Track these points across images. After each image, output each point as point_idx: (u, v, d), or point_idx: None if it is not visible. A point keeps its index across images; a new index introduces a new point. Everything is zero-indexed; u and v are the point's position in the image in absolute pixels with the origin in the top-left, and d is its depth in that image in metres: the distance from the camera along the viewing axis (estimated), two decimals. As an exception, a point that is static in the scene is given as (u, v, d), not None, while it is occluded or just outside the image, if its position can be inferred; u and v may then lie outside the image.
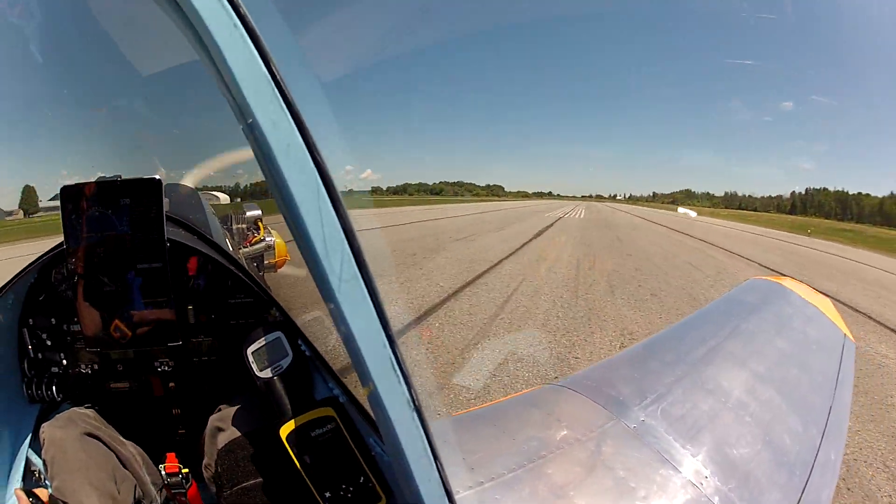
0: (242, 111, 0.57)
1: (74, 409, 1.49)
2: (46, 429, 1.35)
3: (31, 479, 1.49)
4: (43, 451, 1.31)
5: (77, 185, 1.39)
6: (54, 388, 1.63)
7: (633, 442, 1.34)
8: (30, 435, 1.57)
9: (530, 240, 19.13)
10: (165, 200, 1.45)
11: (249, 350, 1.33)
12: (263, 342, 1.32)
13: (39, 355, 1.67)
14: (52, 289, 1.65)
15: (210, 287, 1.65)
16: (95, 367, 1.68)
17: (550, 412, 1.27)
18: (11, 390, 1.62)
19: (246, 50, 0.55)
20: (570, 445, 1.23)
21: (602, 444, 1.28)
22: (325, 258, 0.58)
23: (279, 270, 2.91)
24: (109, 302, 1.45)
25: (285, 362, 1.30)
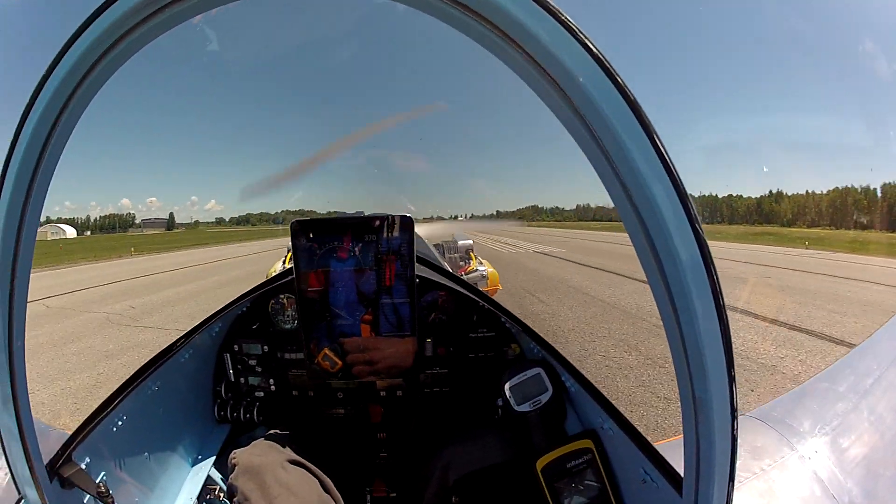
0: (599, 132, 0.56)
1: (272, 434, 1.44)
2: (241, 455, 1.31)
3: (205, 498, 1.49)
4: (233, 476, 1.28)
5: (312, 219, 1.36)
6: (255, 411, 1.66)
7: (805, 472, 1.30)
8: (215, 455, 1.58)
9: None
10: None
11: (507, 385, 1.34)
12: (522, 377, 1.34)
13: (242, 380, 1.71)
14: (266, 318, 1.68)
15: (452, 321, 1.65)
16: (311, 393, 1.69)
17: (740, 442, 1.26)
18: (203, 410, 1.66)
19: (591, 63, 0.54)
20: (753, 475, 1.21)
21: (780, 474, 1.25)
22: (688, 282, 0.60)
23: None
24: (341, 334, 1.43)
25: (545, 397, 1.31)
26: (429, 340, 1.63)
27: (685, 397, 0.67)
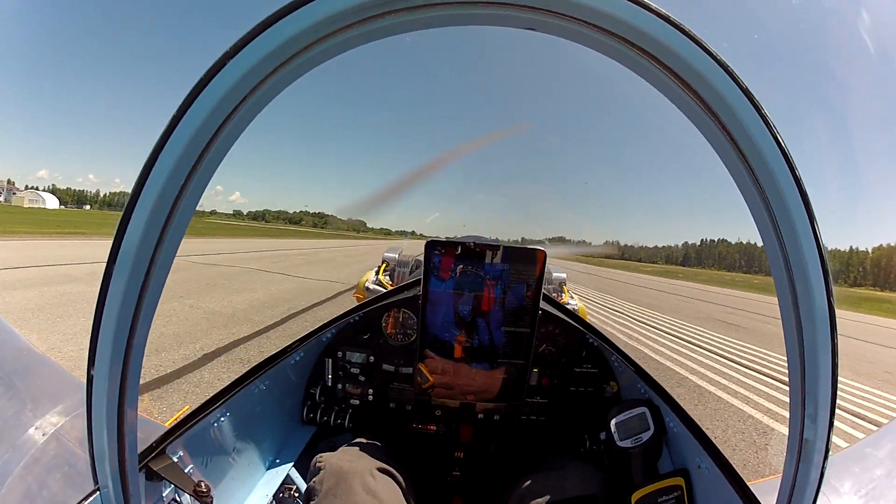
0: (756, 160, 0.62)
1: (362, 442, 1.44)
2: (329, 459, 1.30)
3: (280, 496, 1.50)
4: (317, 478, 1.27)
5: (446, 241, 1.39)
6: (346, 417, 1.69)
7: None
8: (297, 455, 1.59)
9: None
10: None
11: (614, 421, 1.42)
12: (629, 415, 1.41)
13: (339, 385, 1.74)
14: (378, 330, 1.73)
15: (561, 354, 1.70)
16: (408, 407, 1.71)
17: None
18: (291, 411, 1.70)
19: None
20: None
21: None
22: (819, 338, 0.69)
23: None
24: (452, 352, 1.46)
25: (646, 435, 1.38)
26: (536, 370, 1.67)
27: (793, 439, 0.77)
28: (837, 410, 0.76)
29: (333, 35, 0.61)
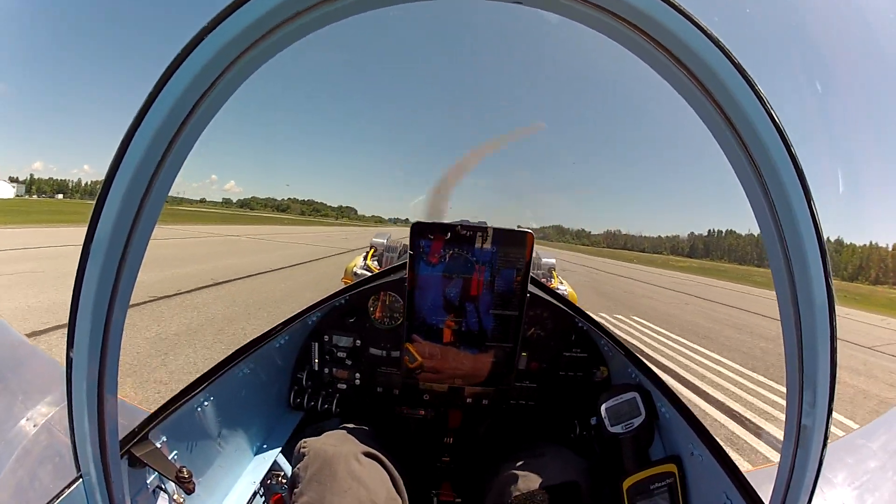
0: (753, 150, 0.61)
1: (348, 427, 1.41)
2: (313, 444, 1.28)
3: (267, 482, 1.47)
4: (301, 464, 1.24)
5: (432, 223, 1.37)
6: (333, 402, 1.68)
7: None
8: (284, 441, 1.58)
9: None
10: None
11: (604, 406, 1.40)
12: (619, 400, 1.40)
13: (325, 370, 1.72)
14: (364, 313, 1.71)
15: (550, 338, 1.68)
16: (396, 392, 1.70)
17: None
18: (278, 396, 1.68)
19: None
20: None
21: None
22: (817, 325, 0.69)
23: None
24: (440, 336, 1.45)
25: (637, 421, 1.36)
26: (524, 354, 1.66)
27: (790, 426, 0.76)
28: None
29: (314, 8, 0.59)
